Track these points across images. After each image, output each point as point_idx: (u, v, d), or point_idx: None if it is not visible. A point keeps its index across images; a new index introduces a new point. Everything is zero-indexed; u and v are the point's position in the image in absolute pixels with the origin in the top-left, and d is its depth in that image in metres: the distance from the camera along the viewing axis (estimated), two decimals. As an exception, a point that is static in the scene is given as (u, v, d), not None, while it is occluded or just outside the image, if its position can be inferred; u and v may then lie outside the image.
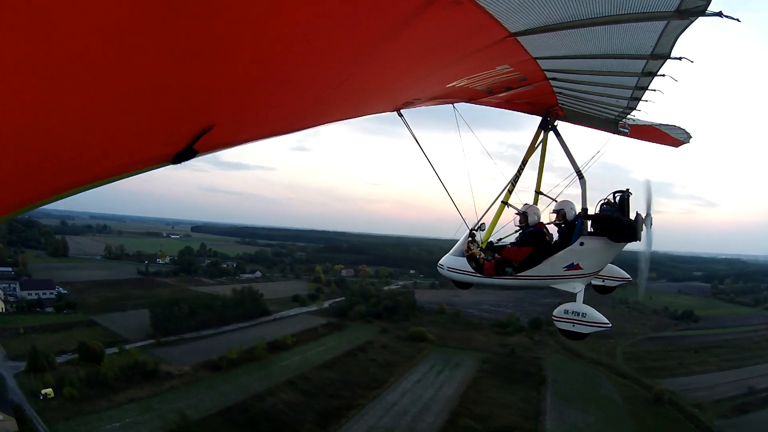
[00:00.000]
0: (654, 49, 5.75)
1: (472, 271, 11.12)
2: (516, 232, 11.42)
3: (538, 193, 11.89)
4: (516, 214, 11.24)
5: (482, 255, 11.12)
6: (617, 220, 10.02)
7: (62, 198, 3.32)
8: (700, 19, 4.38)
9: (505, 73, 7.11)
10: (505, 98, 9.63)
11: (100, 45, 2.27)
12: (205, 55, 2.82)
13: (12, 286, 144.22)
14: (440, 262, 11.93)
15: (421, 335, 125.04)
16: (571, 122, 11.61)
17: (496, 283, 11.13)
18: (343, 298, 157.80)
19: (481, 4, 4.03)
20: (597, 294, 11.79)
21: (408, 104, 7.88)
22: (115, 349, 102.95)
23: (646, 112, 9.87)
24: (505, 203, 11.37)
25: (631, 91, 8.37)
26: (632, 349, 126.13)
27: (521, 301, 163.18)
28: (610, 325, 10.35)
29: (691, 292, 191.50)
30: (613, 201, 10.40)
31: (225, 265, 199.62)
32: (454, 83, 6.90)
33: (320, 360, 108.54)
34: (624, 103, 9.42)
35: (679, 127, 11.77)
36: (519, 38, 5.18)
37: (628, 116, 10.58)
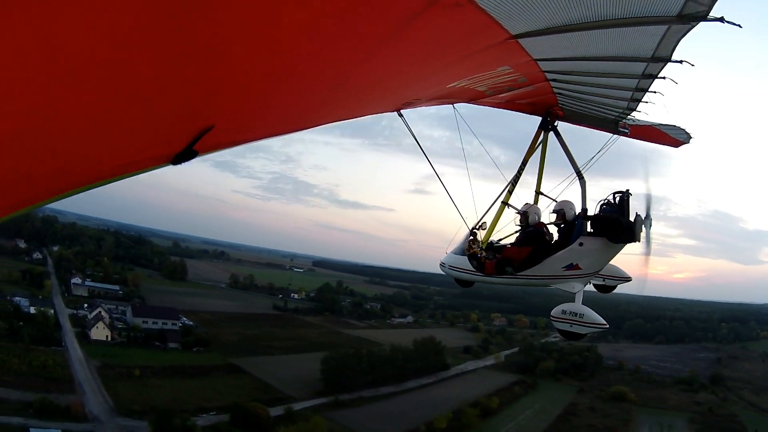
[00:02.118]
0: (655, 52, 5.77)
1: (473, 269, 11.15)
2: (516, 232, 11.44)
3: (538, 193, 11.90)
4: (516, 213, 11.26)
5: (483, 254, 11.14)
6: (616, 221, 10.03)
7: (62, 198, 3.32)
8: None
9: (506, 74, 7.11)
10: (506, 99, 9.65)
11: (99, 44, 2.26)
12: (205, 55, 2.82)
13: (121, 308, 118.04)
14: (442, 260, 11.97)
15: (622, 395, 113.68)
16: (571, 122, 11.63)
17: (496, 282, 11.17)
18: (516, 349, 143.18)
19: (482, 6, 4.02)
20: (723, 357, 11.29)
21: (408, 104, 7.88)
22: (279, 410, 76.51)
23: (646, 113, 9.87)
24: (505, 203, 11.39)
25: (631, 92, 8.39)
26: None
27: (681, 356, 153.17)
28: (608, 326, 10.41)
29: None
30: (613, 202, 10.41)
31: (368, 306, 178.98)
32: (455, 84, 6.90)
33: (539, 427, 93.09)
34: (624, 104, 9.44)
35: (679, 127, 11.78)
36: (520, 40, 5.17)
37: (628, 116, 10.59)
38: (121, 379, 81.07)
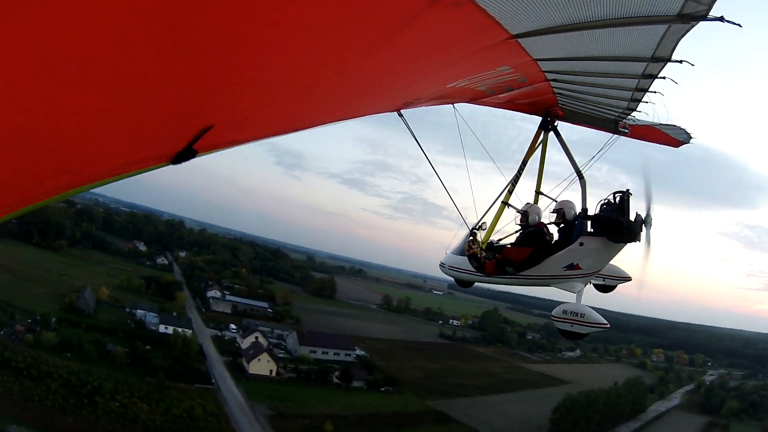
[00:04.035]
0: (655, 52, 5.77)
1: (473, 270, 11.16)
2: (517, 231, 11.45)
3: (538, 193, 11.91)
4: (517, 212, 11.27)
5: (483, 254, 11.15)
6: (617, 221, 10.04)
7: (62, 198, 3.32)
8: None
9: (506, 74, 7.11)
10: (506, 99, 9.65)
11: (99, 44, 2.26)
12: (205, 55, 2.82)
13: (279, 332, 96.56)
14: (442, 260, 11.98)
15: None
16: (571, 122, 11.64)
17: (496, 282, 11.19)
18: (692, 387, 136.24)
19: (482, 6, 4.02)
20: None
21: (408, 104, 7.87)
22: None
23: (646, 113, 9.86)
24: (505, 203, 11.40)
25: (631, 92, 8.39)
26: None
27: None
28: (608, 326, 10.42)
29: None
30: (613, 201, 10.42)
31: (530, 337, 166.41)
32: (455, 83, 6.90)
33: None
34: (624, 104, 9.44)
35: (680, 127, 11.77)
36: (520, 40, 5.17)
37: (628, 116, 10.60)
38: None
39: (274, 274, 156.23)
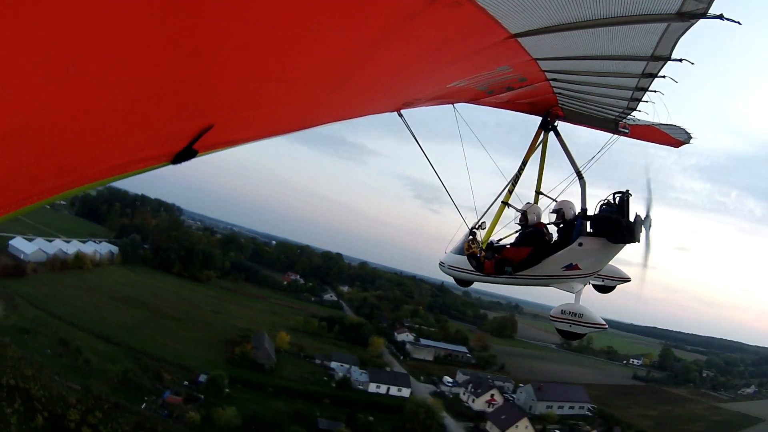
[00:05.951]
0: (654, 50, 5.78)
1: (472, 269, 11.18)
2: (517, 231, 11.47)
3: (538, 193, 11.93)
4: (517, 212, 11.30)
5: (483, 253, 11.18)
6: (616, 221, 10.05)
7: (61, 198, 3.32)
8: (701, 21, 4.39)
9: (506, 74, 7.12)
10: (506, 99, 9.66)
11: (98, 43, 2.25)
12: (205, 54, 2.81)
13: (499, 384, 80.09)
14: (441, 260, 12.01)
15: None
16: (571, 122, 11.65)
17: (495, 282, 11.21)
18: None
19: (481, 5, 4.02)
20: None
21: (408, 104, 7.88)
22: None
23: (646, 113, 9.86)
24: (505, 203, 11.42)
25: (631, 92, 8.39)
26: None
27: None
28: (607, 326, 10.45)
29: None
30: (612, 202, 10.43)
31: (705, 375, 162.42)
32: (455, 83, 6.90)
33: None
34: (624, 103, 9.45)
35: (680, 127, 11.78)
36: (519, 39, 5.18)
37: (628, 116, 10.60)
38: None
39: (446, 312, 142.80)
